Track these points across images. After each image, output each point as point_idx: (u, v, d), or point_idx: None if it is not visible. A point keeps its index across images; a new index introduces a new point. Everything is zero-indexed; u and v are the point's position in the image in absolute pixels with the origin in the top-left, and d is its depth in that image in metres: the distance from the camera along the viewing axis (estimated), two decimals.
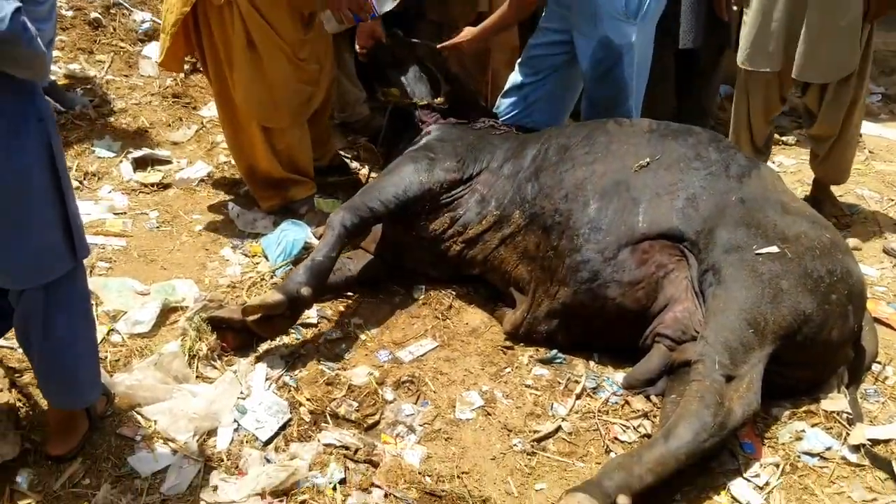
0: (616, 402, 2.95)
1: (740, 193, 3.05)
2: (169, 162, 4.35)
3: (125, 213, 3.89)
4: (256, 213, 3.95)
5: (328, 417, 2.80)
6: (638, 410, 2.90)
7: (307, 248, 3.64)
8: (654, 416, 2.86)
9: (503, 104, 4.11)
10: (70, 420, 2.54)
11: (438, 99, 3.89)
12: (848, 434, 2.76)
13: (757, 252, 2.83)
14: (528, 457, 2.71)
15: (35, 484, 2.46)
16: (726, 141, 3.38)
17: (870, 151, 5.23)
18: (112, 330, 3.08)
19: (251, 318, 3.01)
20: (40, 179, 2.09)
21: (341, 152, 4.60)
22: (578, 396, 2.98)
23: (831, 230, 3.04)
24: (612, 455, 2.68)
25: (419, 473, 2.59)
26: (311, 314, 3.29)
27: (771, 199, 3.06)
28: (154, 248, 3.67)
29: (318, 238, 3.48)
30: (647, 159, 3.18)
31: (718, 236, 2.91)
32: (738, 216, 2.97)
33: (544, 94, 4.00)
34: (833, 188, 4.37)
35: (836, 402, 2.88)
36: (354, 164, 4.62)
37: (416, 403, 2.91)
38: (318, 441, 2.68)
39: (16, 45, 1.86)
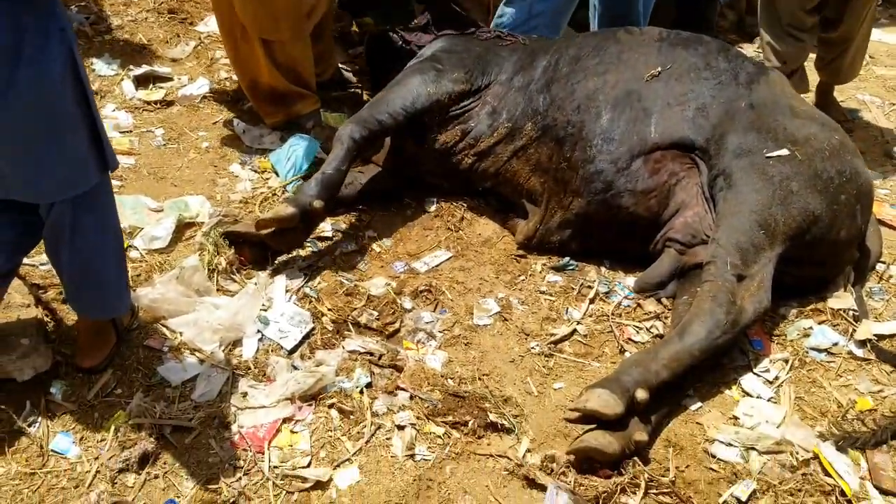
0: (628, 305, 3.03)
1: (750, 99, 3.06)
2: (170, 79, 4.29)
3: (130, 131, 3.87)
4: (262, 129, 3.93)
5: (350, 326, 2.87)
6: (650, 312, 2.98)
7: (317, 163, 3.64)
8: (666, 318, 2.95)
9: (506, 13, 4.06)
10: (99, 332, 2.60)
11: (415, 21, 3.86)
12: (854, 330, 2.86)
13: (767, 155, 2.86)
14: (546, 358, 2.80)
15: (69, 394, 2.53)
16: (734, 49, 3.36)
17: (870, 56, 5.21)
18: (130, 246, 3.11)
19: (265, 231, 3.04)
20: (69, 90, 2.06)
21: (342, 66, 4.55)
22: (592, 301, 3.06)
23: (840, 132, 3.07)
24: (627, 355, 2.77)
25: (441, 376, 2.68)
26: (325, 227, 3.32)
27: (780, 104, 3.07)
28: (163, 166, 3.67)
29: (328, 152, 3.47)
30: (659, 69, 3.17)
31: (729, 142, 2.94)
32: (747, 121, 2.99)
33: (550, 7, 3.94)
34: (835, 93, 4.38)
35: (842, 299, 2.97)
36: (355, 78, 4.57)
37: (434, 311, 2.98)
38: (343, 348, 2.75)
39: None
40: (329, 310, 2.92)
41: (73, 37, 2.08)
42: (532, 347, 2.84)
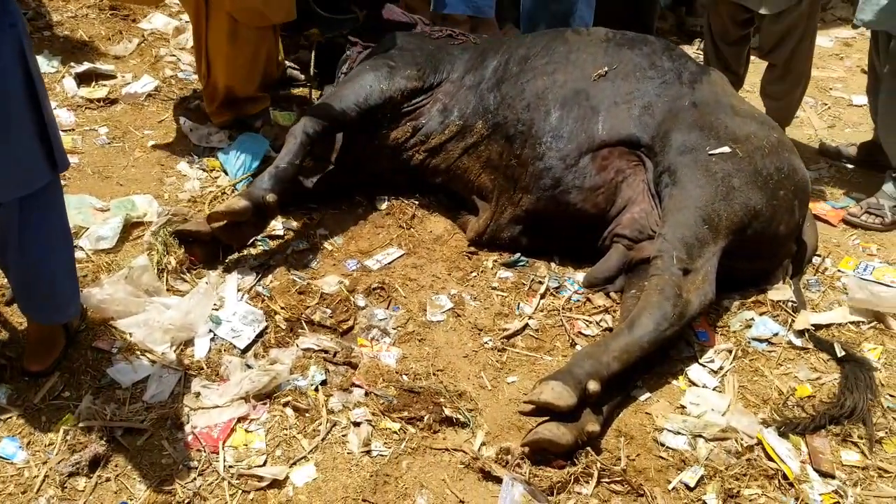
0: (578, 300, 3.10)
1: (693, 98, 3.16)
2: (113, 76, 4.20)
3: (73, 129, 3.78)
4: (210, 128, 3.89)
5: (304, 324, 2.86)
6: (599, 306, 3.05)
7: (266, 161, 3.62)
8: (615, 312, 3.02)
9: None
10: (49, 335, 2.54)
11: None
12: (793, 321, 2.97)
13: (710, 153, 2.96)
14: (499, 353, 2.84)
15: (14, 398, 2.47)
16: (678, 49, 3.46)
17: None
18: (76, 246, 3.04)
19: (216, 224, 3.01)
20: (15, 86, 2.01)
21: (289, 64, 4.51)
22: (542, 296, 3.11)
23: (778, 130, 3.19)
24: (578, 348, 2.83)
25: (396, 373, 2.70)
26: (276, 226, 3.31)
27: (721, 103, 3.17)
28: (108, 165, 3.60)
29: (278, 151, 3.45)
30: (605, 68, 3.25)
31: (673, 139, 3.03)
32: (691, 120, 3.08)
33: None
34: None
35: (781, 292, 3.09)
36: (303, 76, 4.54)
37: (387, 308, 3.00)
38: (297, 346, 2.75)
39: None
40: (282, 308, 2.91)
41: (24, 33, 2.03)
42: (485, 342, 2.88)
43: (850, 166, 4.10)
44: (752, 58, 4.22)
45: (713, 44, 4.13)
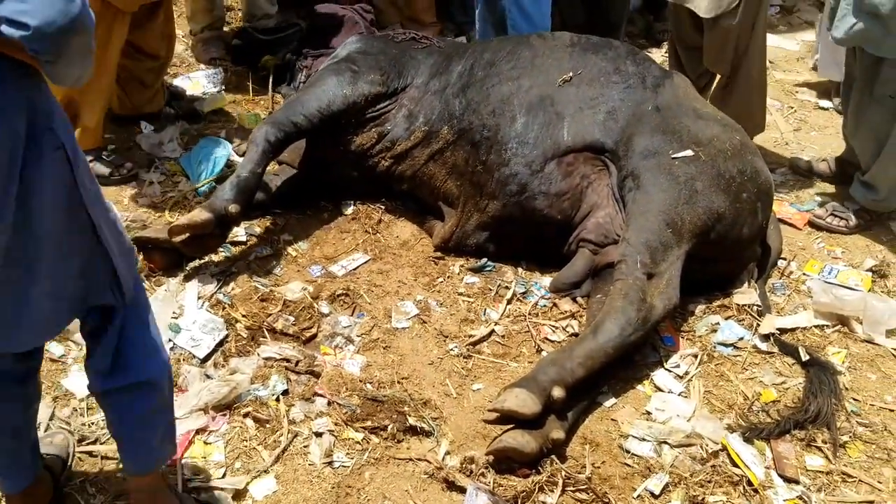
0: (545, 305, 3.08)
1: (656, 102, 3.16)
2: None
3: None
4: (162, 135, 3.81)
5: (265, 332, 2.81)
6: (565, 311, 3.03)
7: (230, 166, 3.56)
8: (581, 316, 3.00)
9: None
10: None
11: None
12: (758, 325, 2.97)
13: (673, 156, 2.95)
14: (465, 360, 2.81)
15: None
16: (642, 53, 3.45)
17: (770, 61, 5.43)
18: None
19: (178, 238, 2.95)
20: (55, 227, 1.63)
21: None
22: (509, 301, 3.09)
23: (741, 133, 3.19)
24: (544, 354, 2.81)
25: (360, 381, 2.66)
26: (239, 232, 3.25)
27: (684, 106, 3.17)
28: None
29: (241, 154, 3.41)
30: (570, 74, 3.23)
31: (636, 144, 3.02)
32: (654, 124, 3.07)
33: None
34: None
35: (746, 295, 3.09)
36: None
37: (352, 315, 2.96)
38: (258, 355, 2.70)
39: (87, 29, 1.41)
40: (243, 316, 2.86)
41: (75, 157, 1.66)
42: (451, 349, 2.85)
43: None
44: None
45: (674, 47, 4.14)
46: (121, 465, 2.28)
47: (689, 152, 2.96)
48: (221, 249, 3.16)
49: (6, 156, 1.50)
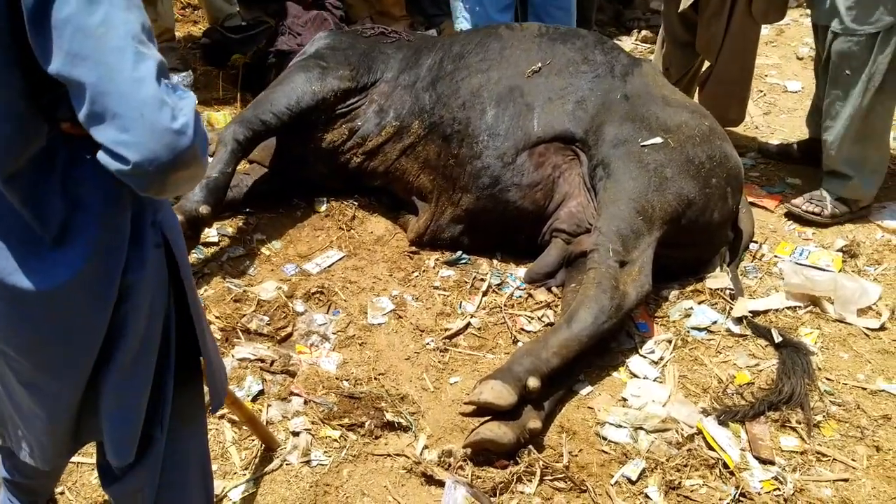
0: (520, 296, 3.08)
1: (625, 90, 3.16)
2: None
3: None
4: None
5: (239, 333, 2.80)
6: (541, 302, 3.04)
7: None
8: (556, 306, 3.01)
9: None
10: None
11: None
12: (731, 308, 3.00)
13: (642, 144, 2.96)
14: (441, 353, 2.81)
15: None
16: (610, 42, 3.46)
17: None
18: None
19: None
20: (146, 337, 1.49)
21: None
22: (485, 293, 3.09)
23: (709, 118, 3.21)
24: (520, 344, 2.81)
25: (336, 379, 2.66)
26: (210, 232, 3.23)
27: (653, 94, 3.18)
28: None
29: (211, 154, 3.39)
30: (539, 64, 3.23)
31: (606, 132, 3.03)
32: (623, 112, 3.08)
33: None
34: None
35: (719, 279, 3.11)
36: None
37: (327, 313, 2.95)
38: (233, 357, 2.69)
39: (197, 162, 1.22)
40: (216, 318, 2.84)
41: (181, 256, 1.52)
42: (427, 343, 2.85)
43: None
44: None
45: (663, 40, 4.15)
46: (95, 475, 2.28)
47: (658, 139, 2.97)
48: (194, 251, 3.14)
49: (106, 259, 1.36)
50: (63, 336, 1.39)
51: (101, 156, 1.16)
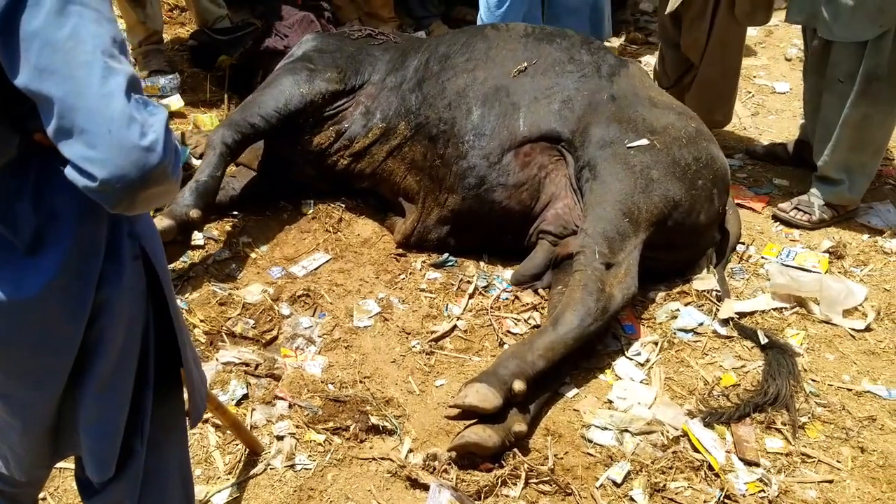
0: (506, 298, 3.08)
1: (611, 91, 3.16)
2: None
3: None
4: None
5: (224, 337, 2.79)
6: (527, 304, 3.04)
7: (187, 169, 3.51)
8: (543, 308, 3.00)
9: None
10: None
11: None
12: (718, 310, 3.00)
13: (629, 145, 2.96)
14: (427, 356, 2.80)
15: None
16: (597, 42, 3.46)
17: None
18: None
19: None
20: (122, 355, 1.47)
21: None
22: (471, 296, 3.08)
23: (696, 120, 3.21)
24: (506, 347, 2.81)
25: (322, 382, 2.65)
26: (197, 235, 3.21)
27: (640, 95, 3.18)
28: None
29: (199, 157, 3.38)
30: (525, 64, 3.23)
31: (592, 133, 3.02)
32: (609, 113, 3.08)
33: None
34: None
35: (706, 281, 3.11)
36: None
37: (313, 316, 2.94)
38: (217, 360, 2.68)
39: (168, 179, 1.19)
40: (202, 321, 2.83)
41: (160, 270, 1.50)
42: (413, 346, 2.84)
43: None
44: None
45: (660, 43, 4.15)
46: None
47: (644, 141, 2.97)
48: None
49: (80, 270, 1.33)
50: (35, 347, 1.37)
51: (69, 171, 1.13)
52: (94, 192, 1.14)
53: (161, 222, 2.88)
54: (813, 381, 2.74)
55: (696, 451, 2.45)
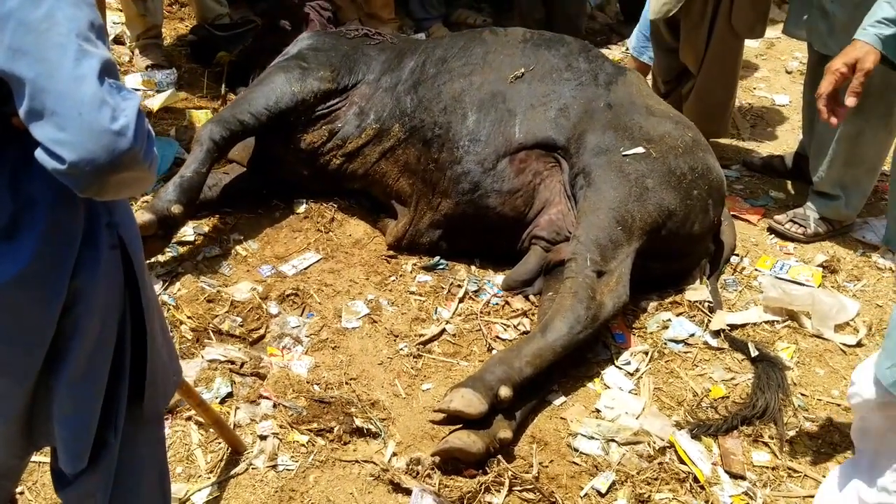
0: (497, 303, 3.06)
1: (608, 99, 3.14)
2: None
3: None
4: None
5: (211, 334, 2.76)
6: (517, 310, 3.02)
7: (178, 165, 3.50)
8: (533, 315, 2.98)
9: None
10: None
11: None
12: (709, 321, 2.97)
13: (624, 154, 2.94)
14: (415, 359, 2.78)
15: None
16: (595, 50, 3.44)
17: None
18: None
19: None
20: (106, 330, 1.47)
21: None
22: (461, 300, 3.06)
23: (693, 129, 3.19)
24: (495, 352, 2.79)
25: (307, 382, 2.62)
26: (186, 231, 3.19)
27: (637, 103, 3.17)
28: None
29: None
30: (522, 70, 3.21)
31: (588, 141, 3.01)
32: (605, 121, 3.06)
33: None
34: None
35: (698, 292, 3.09)
36: None
37: (301, 315, 2.92)
38: (202, 357, 2.65)
39: (139, 165, 1.19)
40: (188, 318, 2.80)
41: (131, 241, 1.48)
42: (401, 349, 2.82)
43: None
44: None
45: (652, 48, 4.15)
46: None
47: (640, 149, 2.95)
48: (168, 250, 3.09)
49: (55, 258, 1.32)
50: (9, 335, 1.35)
51: (39, 153, 1.13)
52: (63, 175, 1.13)
53: (142, 216, 2.84)
54: (802, 395, 2.72)
55: (683, 462, 2.43)
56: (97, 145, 1.11)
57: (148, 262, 3.01)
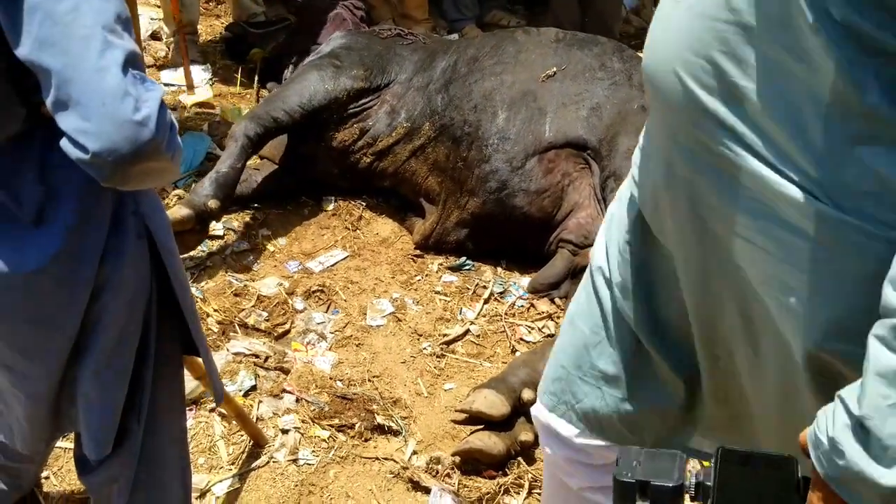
0: (522, 306, 3.04)
1: (642, 101, 3.11)
2: None
3: None
4: None
5: (237, 327, 2.79)
6: (542, 312, 3.00)
7: (210, 160, 3.54)
8: (558, 318, 2.96)
9: None
10: None
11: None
12: None
13: None
14: (438, 359, 2.78)
15: None
16: (630, 51, 3.41)
17: None
18: None
19: None
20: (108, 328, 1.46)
21: None
22: (486, 301, 3.05)
23: None
24: (518, 354, 2.77)
25: (330, 378, 2.63)
26: (216, 226, 3.22)
27: None
28: None
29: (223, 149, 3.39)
30: (554, 69, 3.20)
31: (620, 143, 2.98)
32: (639, 124, 3.02)
33: None
34: None
35: None
36: None
37: (326, 312, 2.93)
38: (227, 350, 2.67)
39: (161, 155, 1.21)
40: (215, 310, 2.83)
41: (161, 228, 1.51)
42: (424, 348, 2.82)
43: None
44: None
45: None
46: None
47: None
48: None
49: (83, 245, 1.34)
50: (37, 320, 1.38)
51: (64, 143, 1.16)
52: (87, 164, 1.15)
53: (180, 211, 2.89)
54: None
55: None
56: (119, 135, 1.13)
57: (183, 256, 3.06)
